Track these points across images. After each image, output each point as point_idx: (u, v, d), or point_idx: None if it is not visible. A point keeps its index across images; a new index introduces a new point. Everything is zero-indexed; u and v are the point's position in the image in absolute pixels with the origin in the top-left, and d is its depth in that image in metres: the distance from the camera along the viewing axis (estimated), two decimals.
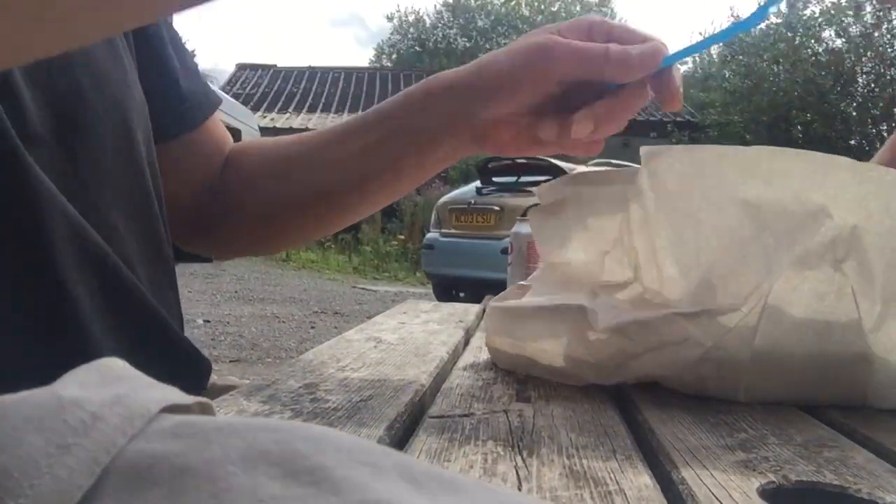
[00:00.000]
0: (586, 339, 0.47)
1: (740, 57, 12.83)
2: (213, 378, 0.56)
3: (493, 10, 23.73)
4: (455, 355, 0.62)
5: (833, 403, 0.45)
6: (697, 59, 19.51)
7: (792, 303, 0.43)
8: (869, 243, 0.42)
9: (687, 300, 0.44)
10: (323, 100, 14.25)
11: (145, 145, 0.48)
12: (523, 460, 0.34)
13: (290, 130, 10.72)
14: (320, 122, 12.29)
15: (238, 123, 9.44)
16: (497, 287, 0.73)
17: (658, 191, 0.45)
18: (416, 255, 8.58)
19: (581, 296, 0.48)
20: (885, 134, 10.43)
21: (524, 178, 5.57)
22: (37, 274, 0.36)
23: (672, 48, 0.48)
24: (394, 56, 24.91)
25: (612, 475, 0.32)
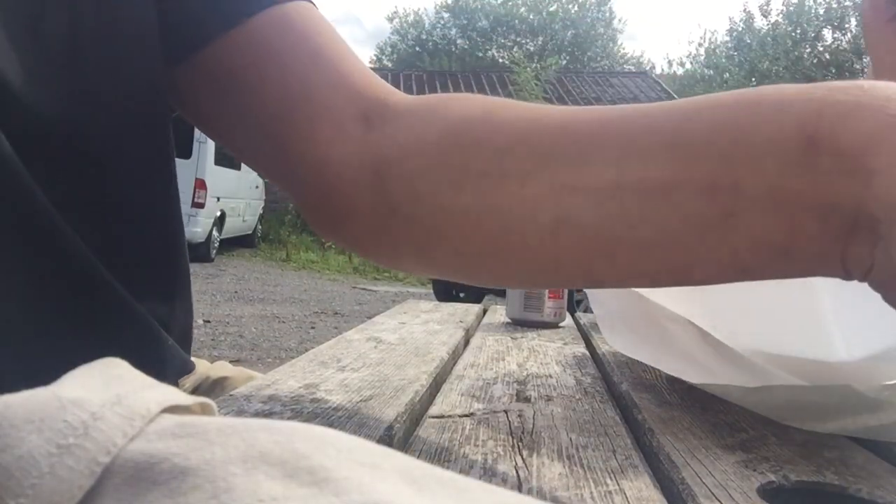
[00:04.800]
0: None
1: (741, 57, 12.85)
2: (207, 370, 0.55)
3: (492, 11, 23.75)
4: (455, 355, 0.62)
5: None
6: (702, 58, 19.54)
7: None
8: None
9: None
10: None
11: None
12: (523, 460, 0.34)
13: None
14: None
15: None
16: (497, 287, 0.73)
17: None
18: None
19: None
20: None
21: None
22: None
23: (671, 49, 0.47)
24: (394, 56, 24.92)
25: (612, 475, 0.32)
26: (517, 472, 0.32)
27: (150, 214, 0.42)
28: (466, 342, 0.72)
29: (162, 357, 0.43)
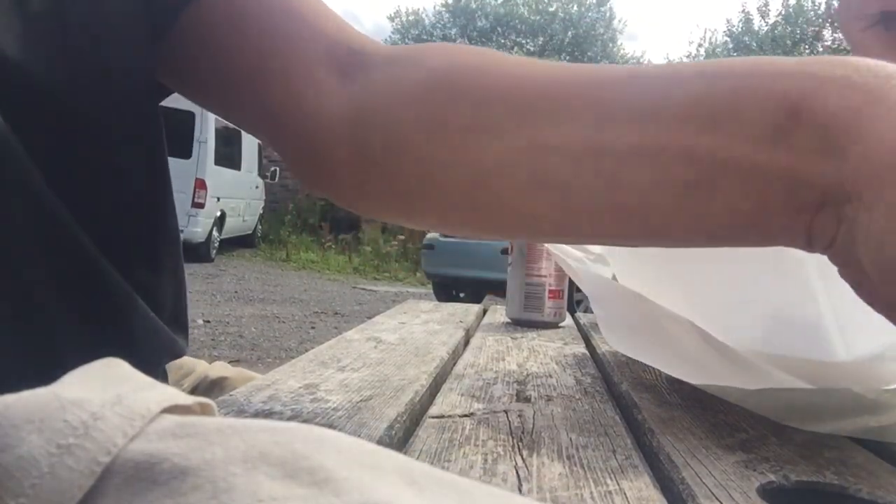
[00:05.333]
0: None
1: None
2: (206, 370, 0.54)
3: (491, 11, 23.77)
4: (455, 355, 0.62)
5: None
6: (702, 58, 19.53)
7: None
8: None
9: None
10: None
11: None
12: (523, 460, 0.34)
13: None
14: None
15: None
16: (497, 287, 0.73)
17: None
18: (417, 256, 8.58)
19: None
20: None
21: None
22: None
23: (671, 50, 0.47)
24: None
25: (612, 475, 0.32)
26: (517, 472, 0.32)
27: (132, 173, 0.40)
28: (466, 342, 0.72)
29: (134, 330, 0.39)
